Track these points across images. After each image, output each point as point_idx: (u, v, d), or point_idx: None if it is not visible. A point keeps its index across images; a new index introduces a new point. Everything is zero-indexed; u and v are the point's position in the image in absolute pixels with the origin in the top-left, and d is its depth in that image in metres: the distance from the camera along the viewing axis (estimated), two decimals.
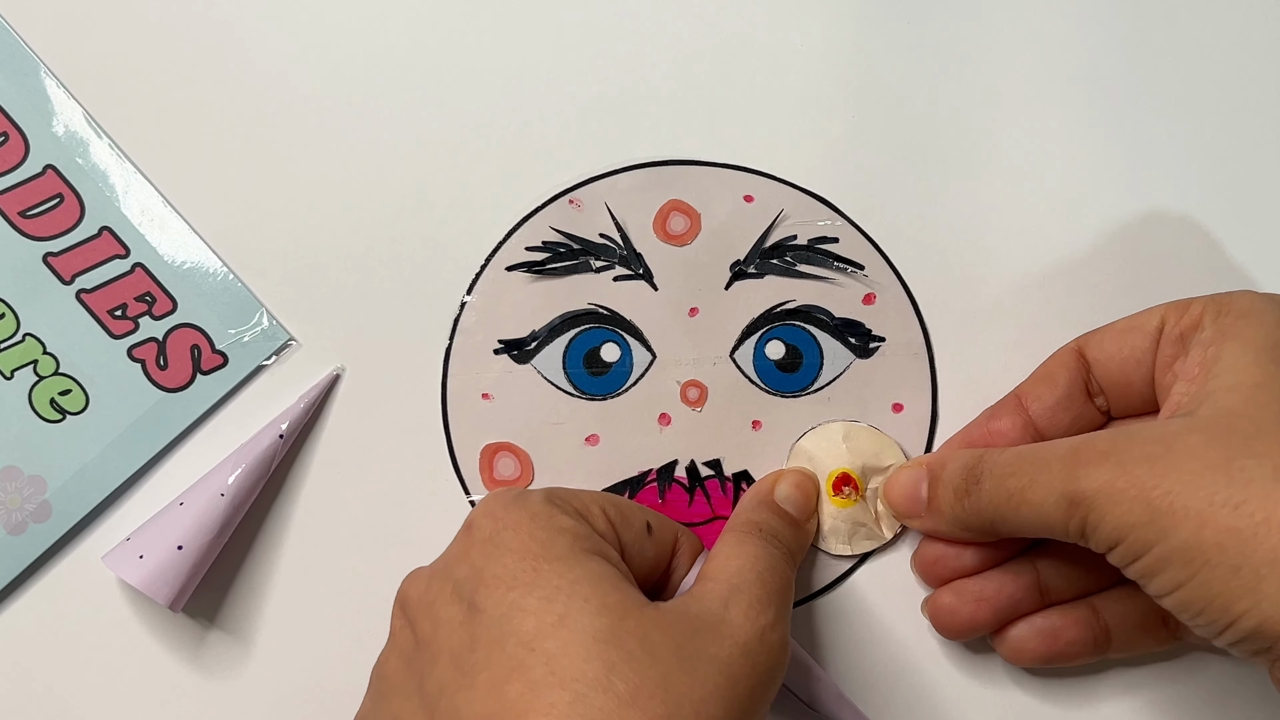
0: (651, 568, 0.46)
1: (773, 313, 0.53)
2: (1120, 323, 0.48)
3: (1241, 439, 0.39)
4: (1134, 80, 0.54)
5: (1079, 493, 0.41)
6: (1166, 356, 0.46)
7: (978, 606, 0.49)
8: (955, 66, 0.55)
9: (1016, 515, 0.44)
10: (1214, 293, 0.46)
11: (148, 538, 0.49)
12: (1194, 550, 0.38)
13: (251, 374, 0.53)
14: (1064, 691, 0.52)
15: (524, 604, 0.40)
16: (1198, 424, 0.40)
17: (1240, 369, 0.41)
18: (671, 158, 0.54)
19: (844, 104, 0.54)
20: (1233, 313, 0.44)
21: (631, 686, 0.37)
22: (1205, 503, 0.38)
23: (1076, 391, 0.49)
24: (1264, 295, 0.44)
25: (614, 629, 0.39)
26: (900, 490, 0.50)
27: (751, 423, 0.53)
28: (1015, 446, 0.45)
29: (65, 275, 0.53)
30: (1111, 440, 0.41)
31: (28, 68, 0.54)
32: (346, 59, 0.55)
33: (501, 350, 0.53)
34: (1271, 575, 0.37)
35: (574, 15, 0.55)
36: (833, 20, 0.55)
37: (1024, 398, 0.50)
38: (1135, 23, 0.55)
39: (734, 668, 0.40)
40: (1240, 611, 0.37)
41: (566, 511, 0.43)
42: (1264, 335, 0.42)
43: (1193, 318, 0.45)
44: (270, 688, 0.52)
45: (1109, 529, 0.40)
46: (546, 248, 0.53)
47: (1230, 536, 0.37)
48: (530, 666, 0.38)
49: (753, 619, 0.41)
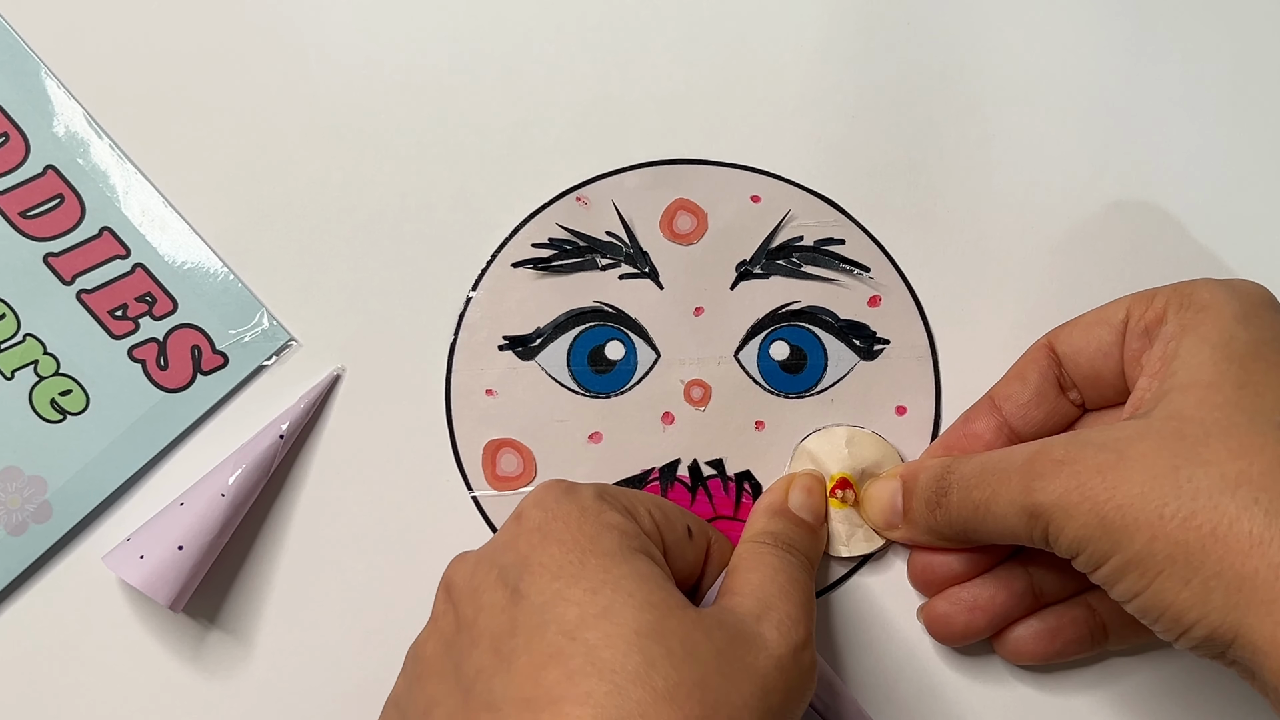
0: (690, 571, 0.46)
1: (778, 313, 0.53)
2: (1088, 316, 0.49)
3: (1190, 445, 0.39)
4: (1136, 80, 0.55)
5: (1036, 506, 0.42)
6: (1134, 350, 0.46)
7: (972, 614, 0.49)
8: (958, 67, 0.55)
9: (984, 526, 0.45)
10: (1180, 281, 0.46)
11: (148, 538, 0.49)
12: (1148, 562, 0.39)
13: (252, 374, 0.53)
14: (1065, 691, 0.52)
15: (568, 594, 0.40)
16: (1150, 428, 0.41)
17: (1195, 366, 0.42)
18: (679, 157, 0.54)
19: (851, 105, 0.55)
20: (1194, 305, 0.44)
21: (670, 683, 0.37)
22: (1155, 515, 0.38)
23: (1048, 388, 0.49)
24: (1224, 284, 0.45)
25: (657, 626, 0.39)
26: (877, 503, 0.50)
27: (755, 423, 0.53)
28: (981, 455, 0.46)
29: (66, 276, 0.53)
30: (1067, 448, 0.42)
31: (28, 68, 0.54)
32: (349, 58, 0.55)
33: (506, 346, 0.53)
34: (1218, 588, 0.37)
35: (582, 12, 0.55)
36: (837, 21, 0.55)
37: (997, 398, 0.50)
38: (1136, 22, 0.55)
39: (769, 680, 0.40)
40: (1191, 621, 0.38)
41: (616, 508, 0.43)
42: (1220, 330, 0.43)
43: (1157, 311, 0.45)
44: (270, 688, 0.52)
45: (1067, 540, 0.41)
46: (553, 245, 0.53)
47: (1179, 549, 0.38)
48: (570, 655, 0.38)
49: (787, 636, 0.41)
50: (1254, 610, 0.36)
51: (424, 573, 0.48)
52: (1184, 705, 0.52)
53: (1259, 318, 0.43)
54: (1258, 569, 0.36)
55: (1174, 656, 0.52)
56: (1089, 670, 0.52)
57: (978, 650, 0.52)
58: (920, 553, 0.50)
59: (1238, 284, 0.45)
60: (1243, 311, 0.43)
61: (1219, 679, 0.51)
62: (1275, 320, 0.43)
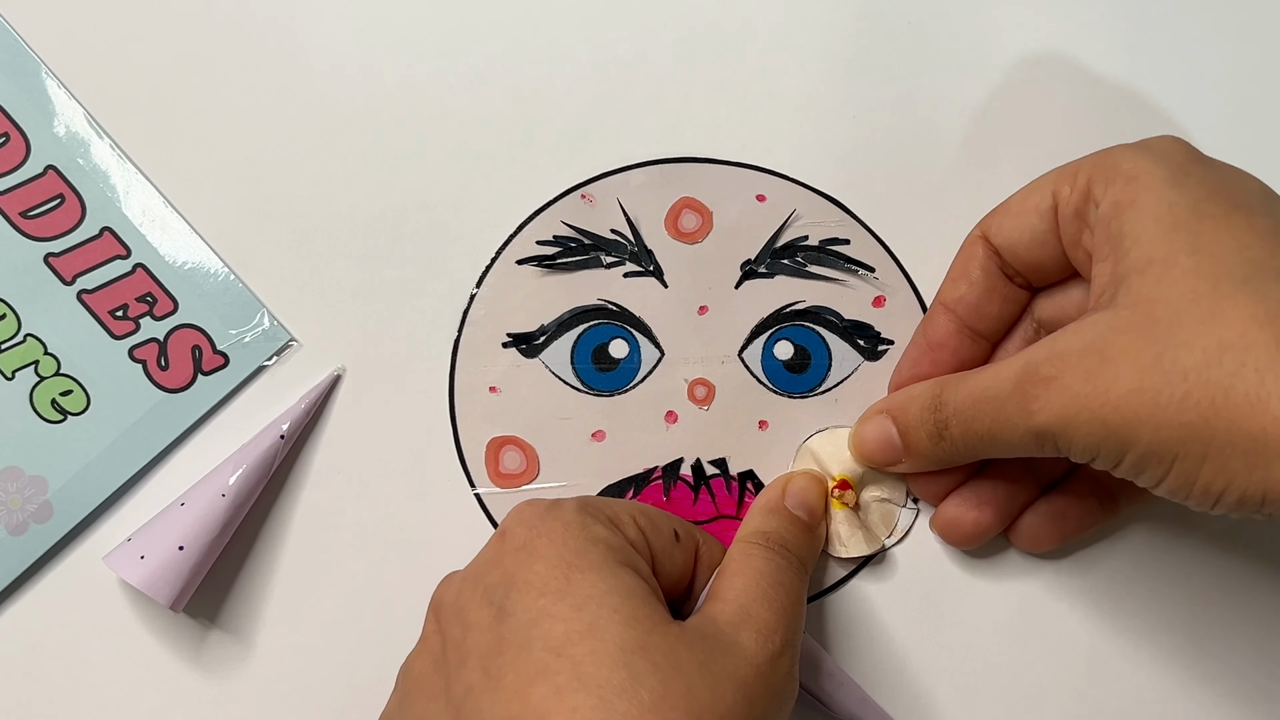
0: (680, 574, 0.46)
1: (782, 313, 0.53)
2: (1014, 203, 0.48)
3: (1165, 329, 0.39)
4: (1137, 79, 0.55)
5: (1039, 427, 0.42)
6: (1071, 235, 0.46)
7: (980, 511, 0.50)
8: (961, 67, 0.55)
9: (994, 451, 0.46)
10: (1094, 152, 0.46)
11: (149, 538, 0.49)
12: (1160, 452, 0.39)
13: (252, 374, 0.53)
14: (1066, 689, 0.52)
15: (554, 610, 0.40)
16: (1123, 320, 0.41)
17: (1145, 243, 0.42)
18: (685, 155, 0.54)
19: (856, 105, 0.55)
20: (1120, 177, 0.44)
21: (656, 695, 0.38)
22: (1153, 406, 0.39)
23: (995, 281, 0.49)
24: (1143, 149, 0.45)
25: (641, 641, 0.39)
26: (873, 443, 0.50)
27: (758, 423, 0.53)
28: (967, 379, 0.46)
29: (66, 276, 0.53)
30: (1051, 361, 0.42)
31: (29, 68, 0.54)
32: (350, 56, 0.55)
33: (510, 344, 0.53)
34: (1234, 455, 0.38)
35: (587, 9, 0.55)
36: (840, 20, 0.55)
37: (948, 303, 0.50)
38: (1138, 23, 0.55)
39: (752, 689, 0.40)
40: (1219, 491, 0.39)
41: (600, 521, 0.44)
42: (1156, 200, 0.42)
43: (1082, 190, 0.45)
44: (271, 688, 0.52)
45: (1079, 450, 0.42)
46: (557, 242, 0.53)
47: (1186, 431, 0.39)
48: (556, 671, 0.38)
49: (763, 645, 0.42)
50: (1275, 466, 0.37)
51: (426, 571, 0.48)
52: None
53: (1188, 175, 0.43)
54: (1265, 427, 0.37)
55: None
56: (1089, 675, 0.52)
57: (978, 650, 0.52)
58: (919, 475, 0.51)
59: (1155, 145, 0.45)
60: (1171, 174, 0.43)
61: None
62: (1204, 173, 0.43)
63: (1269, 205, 0.42)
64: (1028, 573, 0.52)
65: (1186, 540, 0.52)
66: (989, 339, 0.50)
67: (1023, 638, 0.52)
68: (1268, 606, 0.52)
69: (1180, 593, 0.52)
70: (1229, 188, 0.43)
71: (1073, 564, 0.52)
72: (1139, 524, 0.52)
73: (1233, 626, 0.52)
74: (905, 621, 0.52)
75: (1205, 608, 0.52)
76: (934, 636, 0.52)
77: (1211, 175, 0.43)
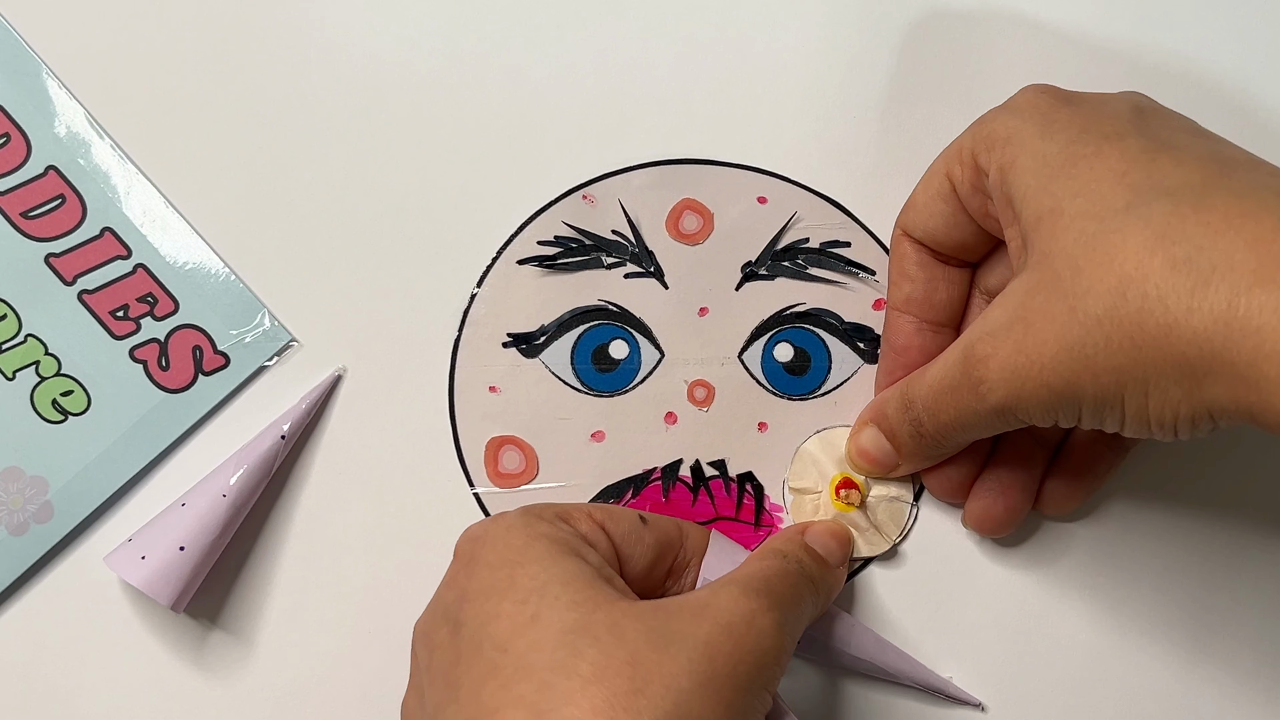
0: (655, 557, 0.46)
1: (782, 315, 0.53)
2: (918, 195, 0.49)
3: (1069, 281, 0.40)
4: (1136, 79, 0.54)
5: (995, 406, 0.43)
6: (977, 208, 0.47)
7: (1007, 496, 0.50)
8: (961, 68, 0.55)
9: (971, 435, 0.47)
10: (972, 124, 0.46)
11: (150, 539, 0.49)
12: (1108, 397, 0.40)
13: (253, 375, 0.53)
14: (1068, 690, 0.52)
15: (499, 610, 0.40)
16: (1033, 282, 0.41)
17: (1032, 200, 0.42)
18: (686, 157, 0.54)
19: (856, 106, 0.55)
20: (998, 142, 0.44)
21: (597, 667, 0.37)
22: (1082, 360, 0.39)
23: (933, 270, 0.50)
24: (1010, 110, 0.45)
25: (583, 621, 0.39)
26: (871, 454, 0.50)
27: (758, 424, 0.53)
28: (926, 373, 0.46)
29: (67, 276, 0.53)
30: (984, 338, 0.43)
31: (29, 68, 0.54)
32: (351, 56, 0.55)
33: (510, 343, 0.53)
34: (1172, 382, 0.38)
35: (589, 10, 0.55)
36: (840, 21, 0.55)
37: (900, 305, 0.50)
38: (1138, 24, 0.55)
39: (713, 646, 0.39)
40: (1171, 419, 0.39)
41: (544, 518, 0.44)
42: (1031, 155, 0.43)
43: (969, 165, 0.46)
44: (272, 688, 0.52)
45: (1039, 417, 0.42)
46: (558, 242, 0.53)
47: (1120, 374, 0.39)
48: (502, 666, 0.38)
49: (738, 602, 0.41)
50: (1206, 385, 0.37)
51: (425, 570, 0.48)
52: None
53: (1054, 122, 0.43)
54: (1182, 351, 0.37)
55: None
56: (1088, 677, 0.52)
57: (979, 650, 0.52)
58: (931, 474, 0.51)
59: (1020, 101, 0.45)
60: (1039, 126, 0.43)
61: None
62: (1070, 114, 0.43)
63: (1140, 123, 0.43)
64: (1029, 569, 0.52)
65: (1188, 539, 0.53)
66: (950, 325, 0.50)
67: (1023, 637, 0.52)
68: (1269, 606, 0.52)
69: (1182, 592, 0.52)
70: (1097, 119, 0.43)
71: (1073, 563, 0.52)
72: (1139, 524, 0.53)
73: (1234, 626, 0.52)
74: (908, 621, 0.52)
75: (1206, 610, 0.52)
76: (934, 636, 0.52)
77: (1078, 114, 0.43)
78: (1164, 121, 0.43)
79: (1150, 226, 0.38)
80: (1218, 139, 0.43)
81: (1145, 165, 0.40)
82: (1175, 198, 0.38)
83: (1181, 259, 0.37)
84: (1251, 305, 0.35)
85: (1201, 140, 0.42)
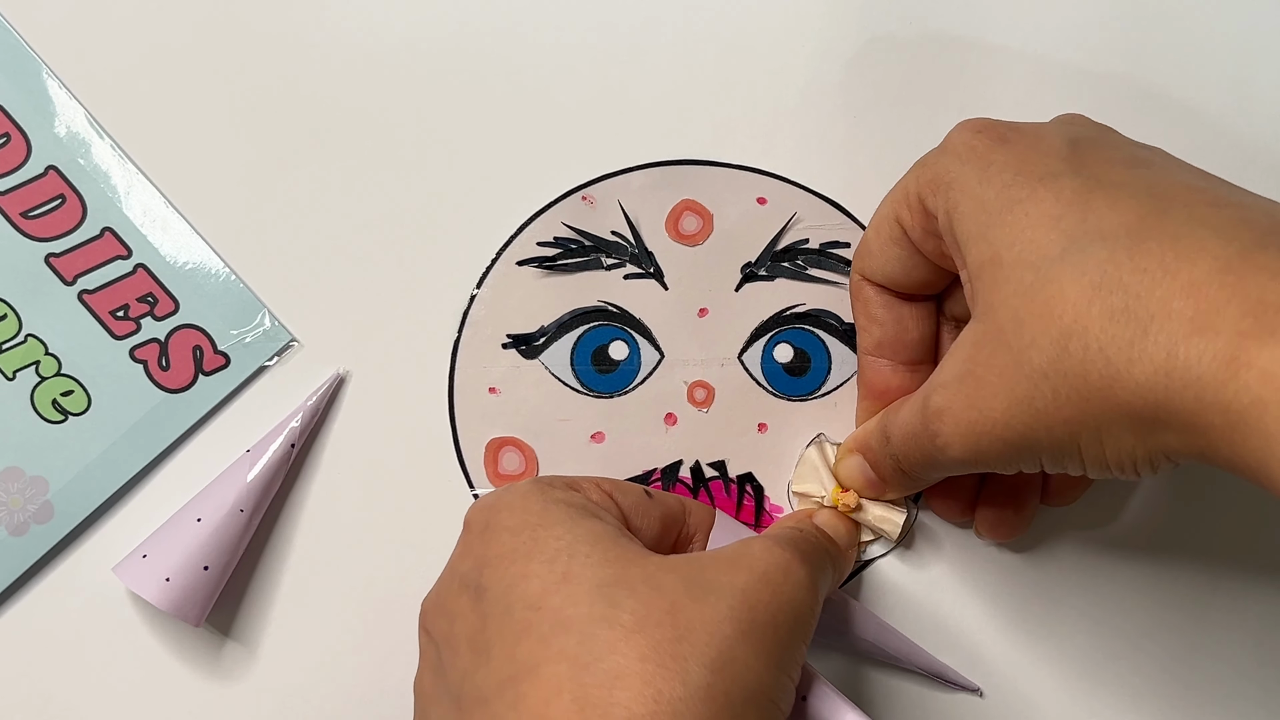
0: (661, 530, 0.46)
1: (782, 316, 0.53)
2: (870, 240, 0.48)
3: (1012, 334, 0.39)
4: (1136, 79, 0.55)
5: (957, 457, 0.42)
6: (932, 250, 0.46)
7: (1015, 499, 0.50)
8: (960, 68, 0.55)
9: (944, 474, 0.47)
10: (915, 163, 0.46)
11: (171, 558, 0.49)
12: (1063, 446, 0.39)
13: (254, 375, 0.53)
14: (1069, 690, 0.52)
15: (527, 570, 0.39)
16: (980, 334, 0.41)
17: (975, 248, 0.42)
18: (685, 158, 0.54)
19: (856, 107, 0.55)
20: (941, 186, 0.44)
21: (638, 617, 0.37)
22: (1032, 413, 0.39)
23: (899, 310, 0.49)
24: (946, 151, 0.44)
25: (618, 575, 0.39)
26: (860, 480, 0.50)
27: (758, 425, 0.53)
28: (899, 411, 0.46)
29: (67, 276, 0.53)
30: (938, 390, 0.43)
31: (29, 69, 0.54)
32: (351, 56, 0.55)
33: (510, 345, 0.53)
34: (1120, 431, 0.38)
35: (588, 10, 0.55)
36: (841, 23, 0.55)
37: (872, 350, 0.50)
38: (1139, 24, 0.55)
39: (752, 594, 0.39)
40: (1129, 462, 0.39)
41: (556, 485, 0.44)
42: (971, 200, 0.42)
43: (918, 209, 0.45)
44: (272, 688, 0.52)
45: (999, 467, 0.42)
46: (558, 243, 0.53)
47: (1073, 425, 0.39)
48: (537, 624, 0.38)
49: (772, 552, 0.41)
50: (1156, 433, 0.37)
51: (424, 571, 0.48)
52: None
53: (990, 165, 0.43)
54: (1128, 401, 0.37)
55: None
56: (1088, 678, 0.52)
57: (980, 650, 0.52)
58: (933, 501, 0.51)
59: (955, 143, 0.44)
60: (978, 171, 0.43)
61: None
62: (1005, 157, 0.43)
63: (1075, 160, 0.42)
64: (1029, 567, 0.53)
65: (1188, 539, 0.53)
66: (925, 361, 0.50)
67: (1022, 629, 0.52)
68: (1269, 606, 0.52)
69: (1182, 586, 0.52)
70: (1031, 159, 0.42)
71: (1073, 563, 0.53)
72: (1140, 523, 0.53)
73: (1235, 626, 0.52)
74: (908, 621, 0.52)
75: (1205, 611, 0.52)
76: (932, 635, 0.52)
77: (1013, 155, 0.43)
78: (1100, 154, 0.42)
79: (1086, 275, 0.38)
80: (1157, 165, 0.42)
81: (1080, 208, 0.40)
82: (1110, 243, 0.38)
83: (1120, 309, 0.37)
84: (1190, 354, 0.35)
85: (1138, 172, 0.41)
